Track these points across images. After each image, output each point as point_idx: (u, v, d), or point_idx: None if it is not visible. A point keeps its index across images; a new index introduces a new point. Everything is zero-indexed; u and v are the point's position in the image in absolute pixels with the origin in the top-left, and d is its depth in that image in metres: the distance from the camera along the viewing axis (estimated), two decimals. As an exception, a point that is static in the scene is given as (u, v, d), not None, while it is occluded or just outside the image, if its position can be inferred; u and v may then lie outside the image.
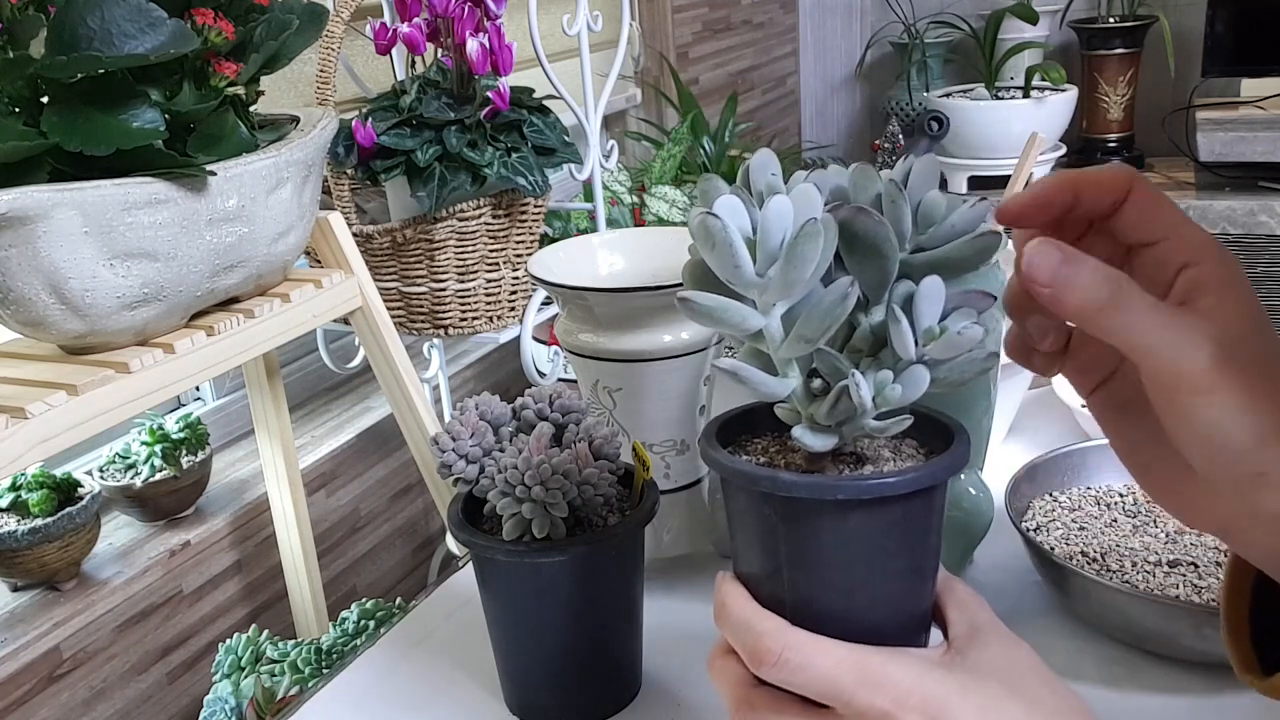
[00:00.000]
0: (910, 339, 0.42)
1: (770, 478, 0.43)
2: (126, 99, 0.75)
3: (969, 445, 0.46)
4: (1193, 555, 0.65)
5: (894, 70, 3.03)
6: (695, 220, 0.42)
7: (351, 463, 1.59)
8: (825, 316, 0.42)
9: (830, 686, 0.42)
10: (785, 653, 0.43)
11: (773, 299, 0.43)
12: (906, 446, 0.47)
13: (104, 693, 1.23)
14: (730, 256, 0.42)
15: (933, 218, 0.44)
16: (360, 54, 1.61)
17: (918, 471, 0.44)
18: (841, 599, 0.44)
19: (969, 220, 0.44)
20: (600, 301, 0.66)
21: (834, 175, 0.46)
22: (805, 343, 0.43)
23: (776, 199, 0.42)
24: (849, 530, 0.43)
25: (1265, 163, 2.32)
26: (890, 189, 0.43)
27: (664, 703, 0.63)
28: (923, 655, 0.44)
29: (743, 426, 0.50)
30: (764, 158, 0.45)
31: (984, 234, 0.43)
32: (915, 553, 0.45)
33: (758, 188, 0.44)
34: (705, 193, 0.44)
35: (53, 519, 1.14)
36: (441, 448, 0.61)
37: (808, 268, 0.41)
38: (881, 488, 0.42)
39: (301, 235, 0.93)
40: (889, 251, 0.43)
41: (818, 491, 0.43)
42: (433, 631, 0.71)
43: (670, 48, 2.49)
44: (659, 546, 0.72)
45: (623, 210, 1.96)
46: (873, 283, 0.44)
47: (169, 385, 0.85)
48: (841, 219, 0.42)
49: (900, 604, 0.46)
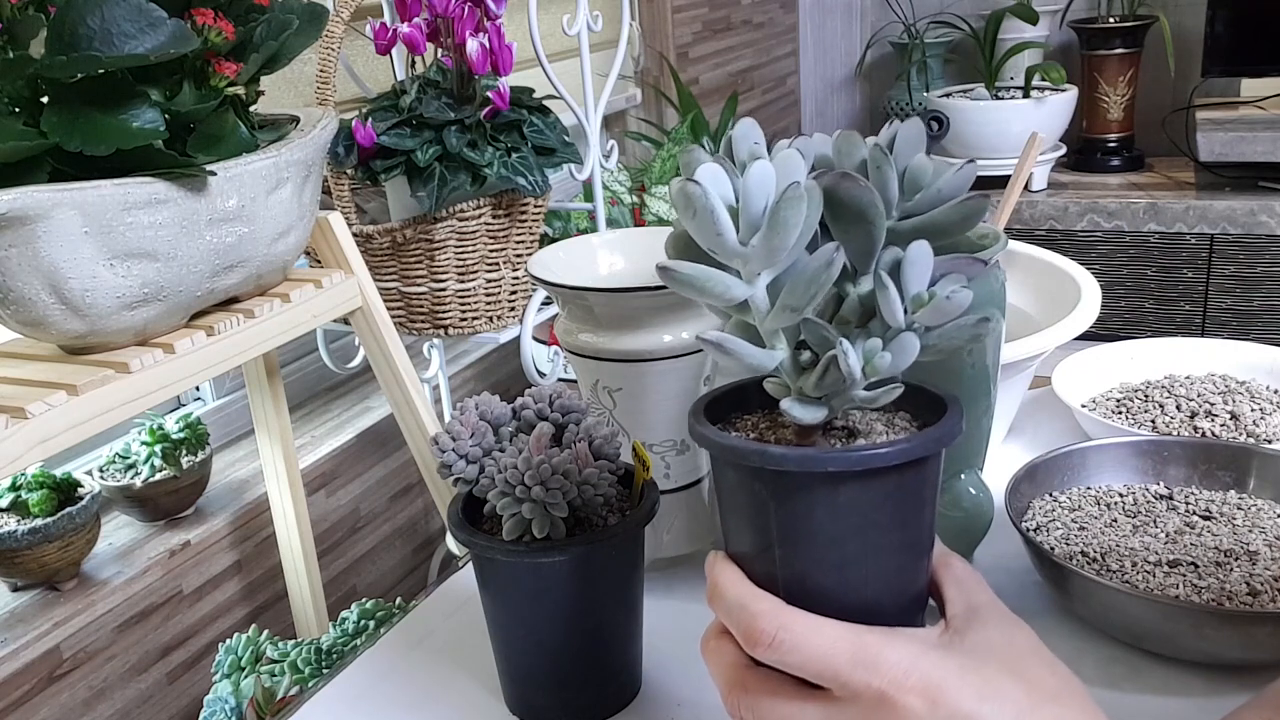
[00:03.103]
0: (898, 305, 0.41)
1: (759, 451, 0.42)
2: (126, 99, 0.75)
3: (962, 415, 0.44)
4: (1193, 555, 0.65)
5: (894, 70, 3.03)
6: (675, 188, 0.41)
7: (351, 463, 1.59)
8: (811, 283, 0.40)
9: (826, 667, 0.41)
10: (780, 633, 0.42)
11: (757, 268, 0.42)
12: (899, 420, 0.46)
13: (104, 693, 1.23)
14: (712, 224, 0.40)
15: (919, 183, 0.43)
16: (360, 54, 1.61)
17: (910, 442, 0.42)
18: (835, 576, 0.43)
19: (956, 184, 0.42)
20: (600, 301, 0.66)
21: (818, 143, 0.44)
22: (791, 312, 0.42)
23: (758, 164, 0.40)
24: (841, 504, 0.42)
25: (1265, 163, 2.32)
26: (876, 154, 0.42)
27: (664, 703, 0.63)
28: (920, 636, 0.43)
29: (732, 404, 0.49)
30: (746, 127, 0.43)
31: (971, 197, 0.42)
32: (910, 527, 0.44)
33: (740, 157, 0.43)
34: (687, 163, 0.42)
35: (53, 519, 1.14)
36: (441, 448, 0.61)
37: (791, 234, 0.40)
38: (873, 458, 0.41)
39: (301, 235, 0.93)
40: (875, 218, 0.41)
41: (808, 464, 0.41)
42: (433, 631, 0.71)
43: (670, 48, 2.49)
44: (659, 546, 0.72)
45: (623, 210, 1.95)
46: (860, 251, 0.42)
47: (169, 385, 0.85)
48: (826, 185, 0.41)
49: (895, 581, 0.45)
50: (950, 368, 0.62)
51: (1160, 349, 0.95)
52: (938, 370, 0.50)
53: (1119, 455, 0.76)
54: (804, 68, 3.24)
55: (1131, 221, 2.42)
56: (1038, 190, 2.55)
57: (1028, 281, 0.92)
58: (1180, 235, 2.39)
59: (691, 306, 0.66)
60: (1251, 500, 0.72)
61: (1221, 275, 2.37)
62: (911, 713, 0.40)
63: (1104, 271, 2.46)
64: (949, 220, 0.42)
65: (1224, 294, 2.38)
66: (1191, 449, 0.75)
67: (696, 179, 0.40)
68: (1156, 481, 0.75)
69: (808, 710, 0.42)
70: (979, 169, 0.45)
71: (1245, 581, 0.62)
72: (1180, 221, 2.38)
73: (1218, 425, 0.83)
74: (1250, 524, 0.69)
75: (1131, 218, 2.42)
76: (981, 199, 0.42)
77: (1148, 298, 2.46)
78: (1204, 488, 0.74)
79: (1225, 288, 2.38)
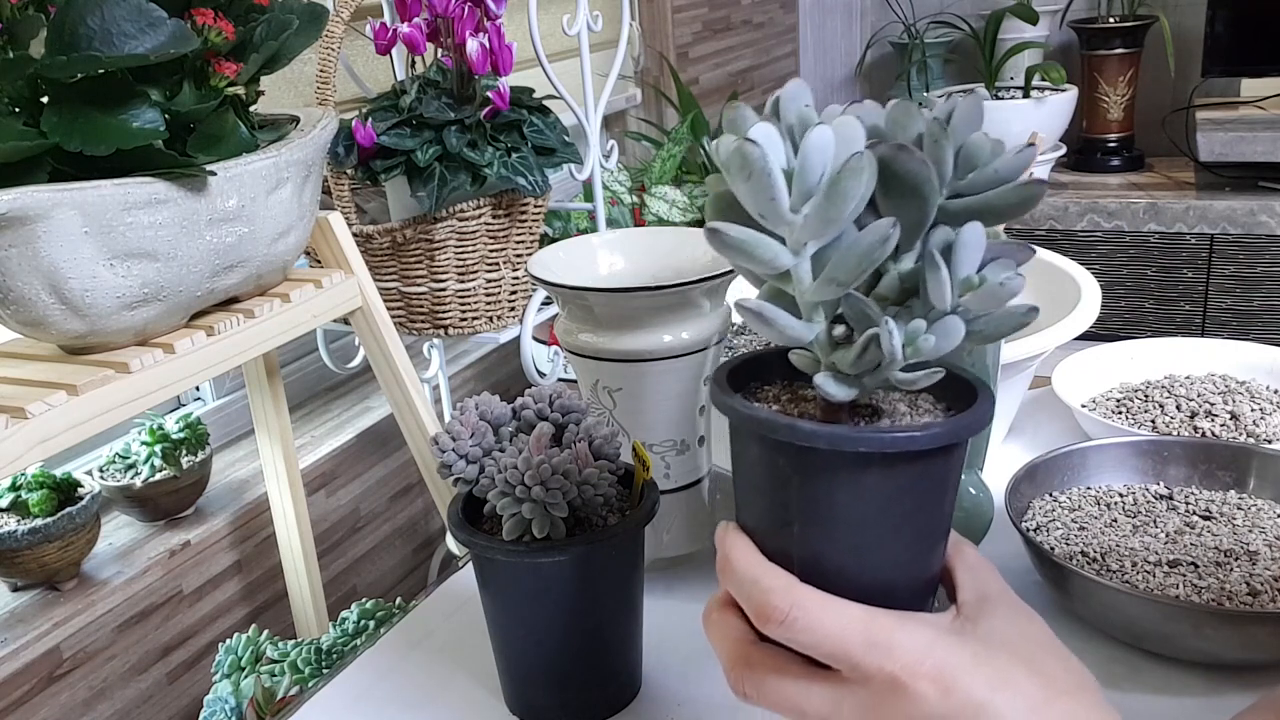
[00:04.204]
0: (948, 288, 0.39)
1: (790, 426, 0.40)
2: (126, 99, 0.75)
3: (993, 401, 0.43)
4: (1193, 555, 0.65)
5: (894, 70, 3.03)
6: (730, 147, 0.38)
7: (351, 463, 1.59)
8: (863, 259, 0.38)
9: (838, 648, 0.41)
10: (794, 611, 0.41)
11: (805, 237, 0.40)
12: (923, 402, 0.45)
13: (104, 693, 1.23)
14: (768, 188, 0.38)
15: (975, 161, 0.40)
16: (360, 54, 1.61)
17: (943, 426, 0.41)
18: (852, 556, 0.42)
19: (1015, 166, 0.40)
20: (600, 301, 0.66)
21: (870, 111, 0.42)
22: (837, 286, 0.40)
23: (819, 129, 0.38)
24: (867, 486, 0.41)
25: (1265, 163, 2.32)
26: (934, 127, 0.40)
27: (664, 703, 0.63)
28: (934, 621, 0.42)
29: (751, 373, 0.47)
30: (797, 88, 0.41)
31: (1029, 182, 0.40)
32: (932, 513, 0.43)
33: (788, 120, 0.40)
34: (734, 121, 0.40)
35: (53, 519, 1.14)
36: (441, 448, 0.61)
37: (848, 205, 0.38)
38: (906, 441, 0.40)
39: (301, 235, 0.93)
40: (929, 194, 0.39)
41: (839, 443, 0.40)
42: (433, 631, 0.71)
43: (670, 48, 2.49)
44: (659, 546, 0.72)
45: (623, 210, 1.95)
46: (908, 226, 0.40)
47: (169, 385, 0.85)
48: (881, 156, 0.39)
49: (912, 565, 0.44)
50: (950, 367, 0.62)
51: (1160, 349, 0.95)
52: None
53: (1119, 455, 0.76)
54: (804, 68, 3.24)
55: (1131, 221, 2.42)
56: (1038, 190, 2.55)
57: (1028, 281, 0.92)
58: (1180, 235, 2.39)
59: (691, 306, 0.66)
60: (1251, 500, 0.72)
61: (1221, 275, 2.37)
62: (923, 699, 0.39)
63: (1104, 271, 2.46)
64: (1004, 204, 0.40)
65: (1224, 294, 2.38)
66: (1191, 449, 0.75)
67: (754, 138, 0.38)
68: (1156, 481, 0.75)
69: (815, 690, 0.42)
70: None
71: (1245, 581, 0.62)
72: (1180, 221, 2.38)
73: (1218, 425, 0.83)
74: (1250, 524, 0.69)
75: (1131, 218, 2.42)
76: (1041, 184, 0.40)
77: (1148, 298, 2.46)
78: (1204, 488, 0.74)
79: (1225, 288, 2.38)
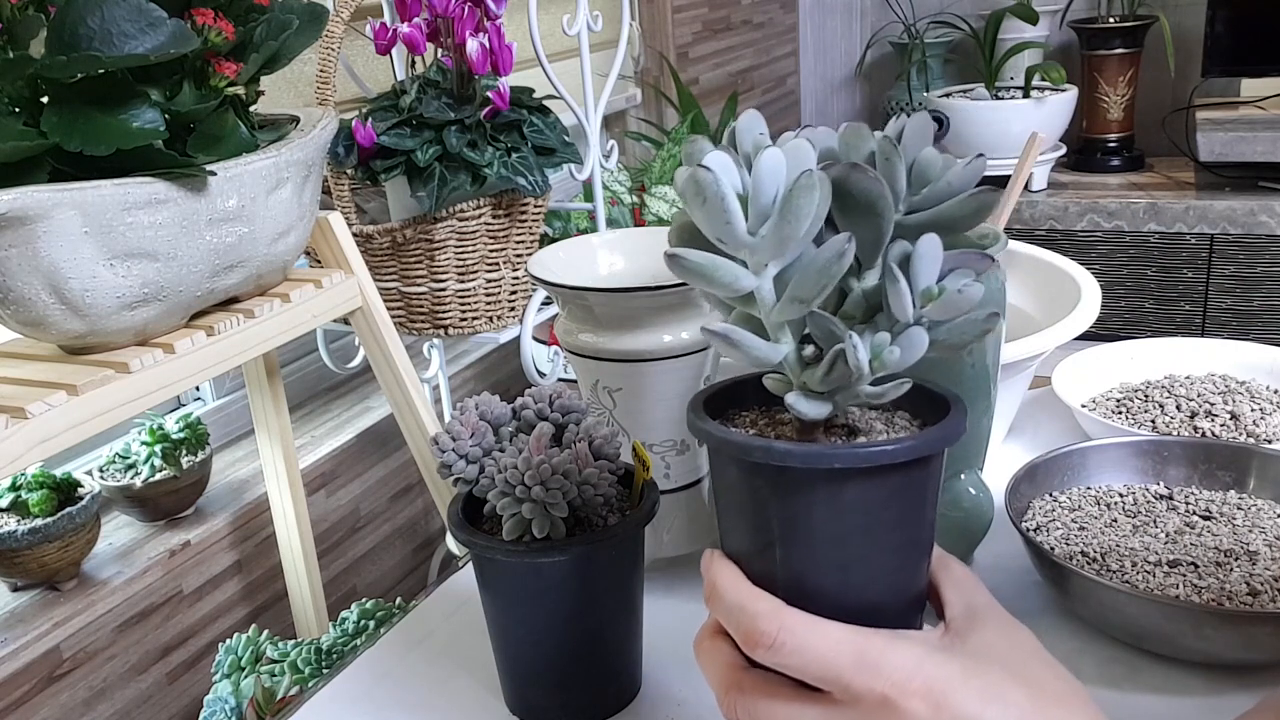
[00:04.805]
0: (908, 299, 0.40)
1: (764, 447, 0.41)
2: (126, 99, 0.75)
3: (965, 413, 0.44)
4: (1193, 555, 0.65)
5: (894, 70, 3.03)
6: (684, 177, 0.40)
7: (351, 463, 1.59)
8: (821, 275, 0.40)
9: (827, 670, 0.41)
10: (781, 634, 0.41)
11: (765, 258, 0.41)
12: (899, 419, 0.46)
13: (104, 693, 1.23)
14: (722, 212, 0.40)
15: (928, 176, 0.42)
16: (360, 54, 1.61)
17: (915, 439, 0.42)
18: (836, 576, 0.43)
19: (965, 178, 0.42)
20: (600, 301, 0.66)
21: (823, 135, 0.43)
22: (800, 304, 0.41)
23: (769, 152, 0.40)
24: (845, 502, 0.42)
25: (1265, 163, 2.32)
26: (885, 146, 0.41)
27: (664, 703, 0.63)
28: (922, 638, 0.42)
29: (729, 400, 0.48)
30: (750, 119, 0.43)
31: (981, 191, 0.41)
32: (912, 527, 0.44)
33: (744, 149, 0.42)
34: (690, 153, 0.42)
35: (53, 519, 1.14)
36: (441, 448, 0.61)
37: (803, 223, 0.39)
38: (879, 455, 0.41)
39: (301, 235, 0.93)
40: (884, 210, 0.41)
41: (813, 460, 0.41)
42: (433, 631, 0.71)
43: (670, 48, 2.49)
44: (659, 546, 0.72)
45: (623, 210, 1.95)
46: (867, 243, 0.41)
47: (169, 385, 0.85)
48: (835, 176, 0.40)
49: (896, 582, 0.44)
50: (950, 368, 0.62)
51: (1160, 349, 0.95)
52: (938, 370, 0.50)
53: (1119, 455, 0.76)
54: (804, 68, 3.24)
55: (1131, 221, 2.42)
56: (1038, 190, 2.55)
57: (1028, 281, 0.92)
58: (1180, 235, 2.39)
59: (691, 306, 0.66)
60: (1251, 500, 0.72)
61: (1221, 275, 2.37)
62: (915, 716, 0.40)
63: (1104, 271, 2.46)
64: (958, 214, 0.41)
65: (1224, 294, 2.38)
66: (1191, 449, 0.75)
67: (707, 165, 0.39)
68: (1156, 481, 0.75)
69: (807, 713, 0.42)
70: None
71: (1245, 581, 0.62)
72: (1180, 221, 2.38)
73: (1218, 425, 0.83)
74: (1250, 524, 0.69)
75: (1131, 218, 2.42)
76: (992, 193, 0.41)
77: (1148, 298, 2.46)
78: (1204, 488, 0.74)
79: (1225, 288, 2.38)
